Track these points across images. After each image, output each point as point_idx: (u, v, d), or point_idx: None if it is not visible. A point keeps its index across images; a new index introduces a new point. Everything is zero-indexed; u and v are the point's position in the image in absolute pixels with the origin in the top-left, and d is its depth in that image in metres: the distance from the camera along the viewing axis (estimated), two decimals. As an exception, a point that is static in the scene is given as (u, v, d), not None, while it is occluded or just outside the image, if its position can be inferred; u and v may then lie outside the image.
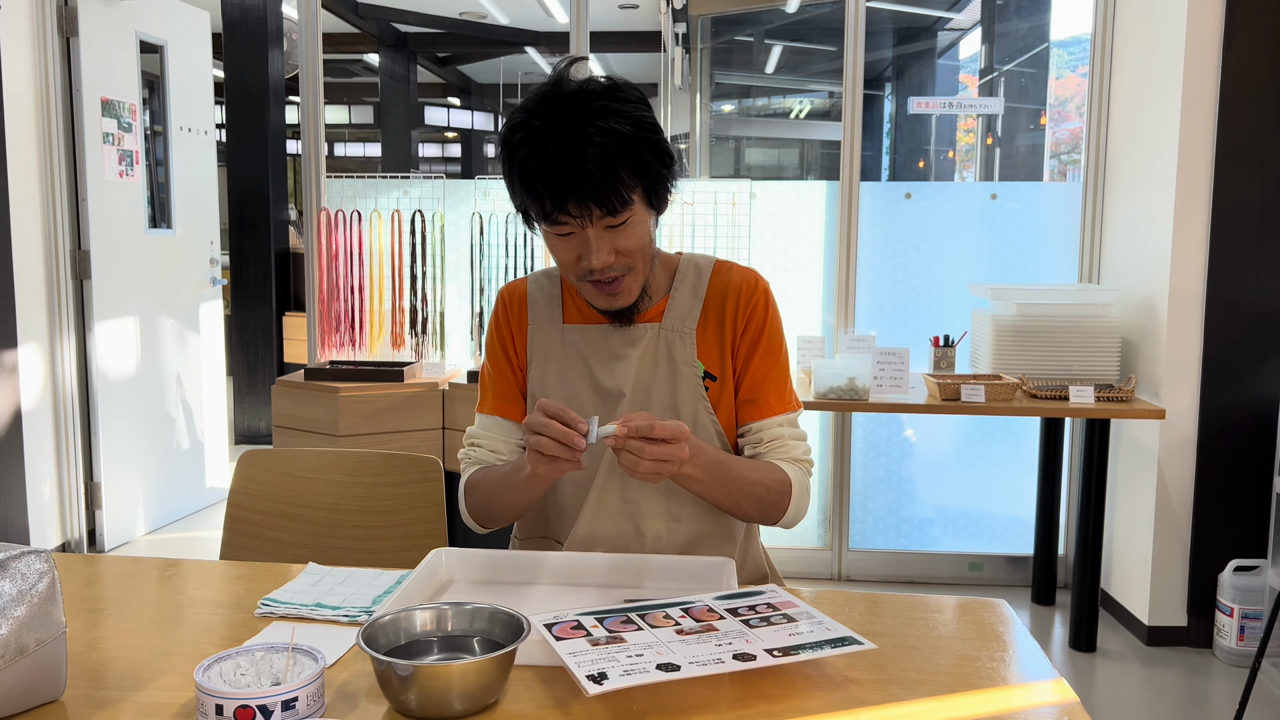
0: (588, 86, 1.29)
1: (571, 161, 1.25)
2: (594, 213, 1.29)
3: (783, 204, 3.57)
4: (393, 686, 0.98)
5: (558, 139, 1.26)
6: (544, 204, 1.29)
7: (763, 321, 1.46)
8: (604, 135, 1.26)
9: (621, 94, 1.30)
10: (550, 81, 1.31)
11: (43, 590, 0.99)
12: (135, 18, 3.90)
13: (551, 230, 1.33)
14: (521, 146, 1.28)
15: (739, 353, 1.46)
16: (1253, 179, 2.92)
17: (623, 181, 1.28)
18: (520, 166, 1.29)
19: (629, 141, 1.27)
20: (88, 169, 3.63)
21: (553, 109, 1.28)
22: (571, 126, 1.26)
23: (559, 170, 1.25)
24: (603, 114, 1.27)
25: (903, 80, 7.51)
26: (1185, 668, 2.96)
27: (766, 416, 1.45)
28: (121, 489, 3.88)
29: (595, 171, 1.25)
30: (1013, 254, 3.53)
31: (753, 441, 1.46)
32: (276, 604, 1.26)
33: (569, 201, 1.27)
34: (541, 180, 1.27)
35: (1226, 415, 2.98)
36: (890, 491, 3.69)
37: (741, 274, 1.48)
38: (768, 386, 1.46)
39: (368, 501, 1.73)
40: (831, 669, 1.10)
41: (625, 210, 1.30)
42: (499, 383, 1.51)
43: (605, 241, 1.32)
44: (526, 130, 1.28)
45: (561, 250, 1.35)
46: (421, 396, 3.27)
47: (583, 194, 1.27)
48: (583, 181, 1.26)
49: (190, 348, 4.29)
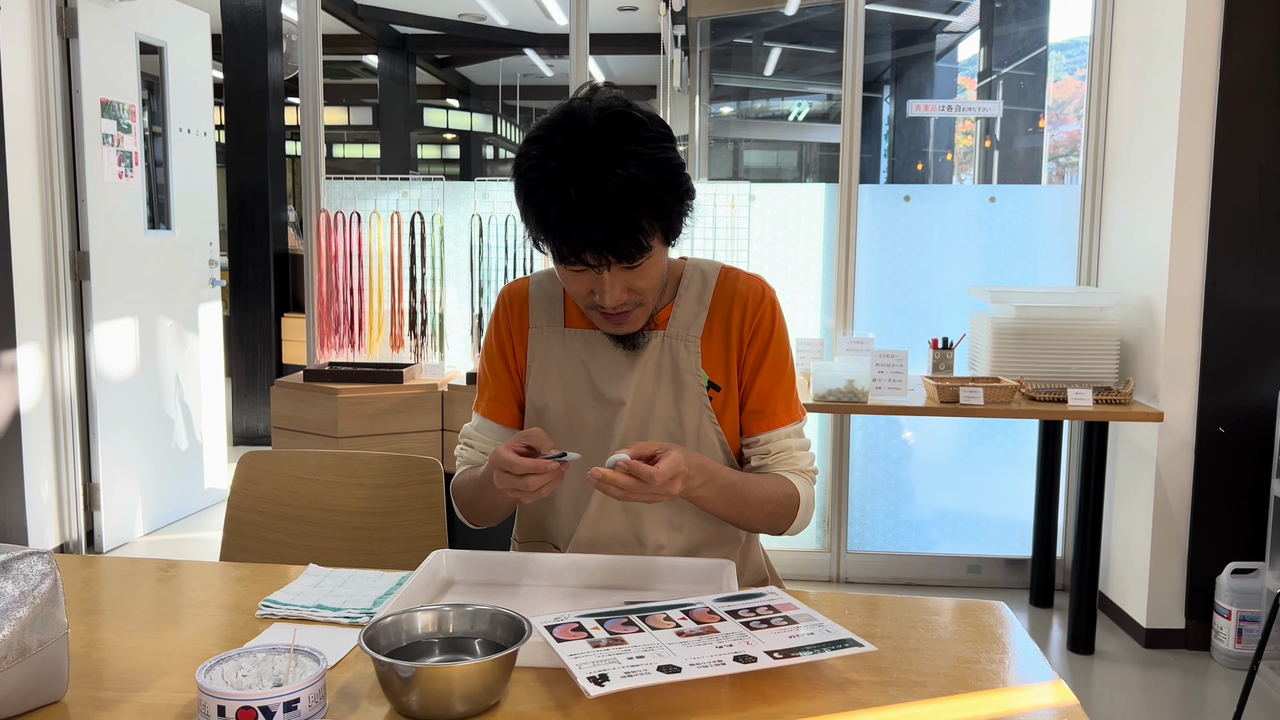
0: (610, 125, 1.23)
1: (592, 216, 1.21)
2: (611, 262, 1.27)
3: (782, 206, 3.58)
4: (394, 688, 0.98)
5: (579, 186, 1.21)
6: (561, 249, 1.26)
7: (770, 331, 1.44)
8: (625, 186, 1.21)
9: (645, 132, 1.25)
10: (568, 112, 1.26)
11: (45, 591, 0.99)
12: (135, 19, 3.90)
13: (565, 268, 1.31)
14: (540, 187, 1.24)
15: (745, 363, 1.44)
16: (1251, 182, 2.93)
17: (643, 231, 1.25)
18: (539, 209, 1.25)
19: (651, 189, 1.23)
20: (87, 170, 3.63)
21: (572, 146, 1.23)
22: (592, 174, 1.21)
23: (577, 222, 1.22)
24: (624, 160, 1.22)
25: (901, 83, 7.52)
26: (1183, 670, 2.96)
27: (775, 428, 1.45)
28: (120, 490, 3.88)
29: (615, 225, 1.22)
30: (1011, 256, 3.54)
31: (760, 453, 1.45)
32: (277, 605, 1.26)
33: (587, 252, 1.25)
34: (560, 229, 1.24)
35: (1225, 418, 2.99)
36: (889, 494, 3.70)
37: (748, 282, 1.46)
38: (775, 397, 1.45)
39: (368, 503, 1.73)
40: (832, 671, 1.10)
41: (643, 256, 1.28)
42: (494, 385, 1.51)
43: (620, 281, 1.30)
44: (545, 171, 1.23)
45: (574, 284, 1.33)
46: (421, 398, 3.27)
47: (601, 247, 1.24)
48: (602, 236, 1.23)
49: (189, 349, 4.29)
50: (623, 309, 1.34)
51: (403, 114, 9.28)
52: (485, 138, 12.47)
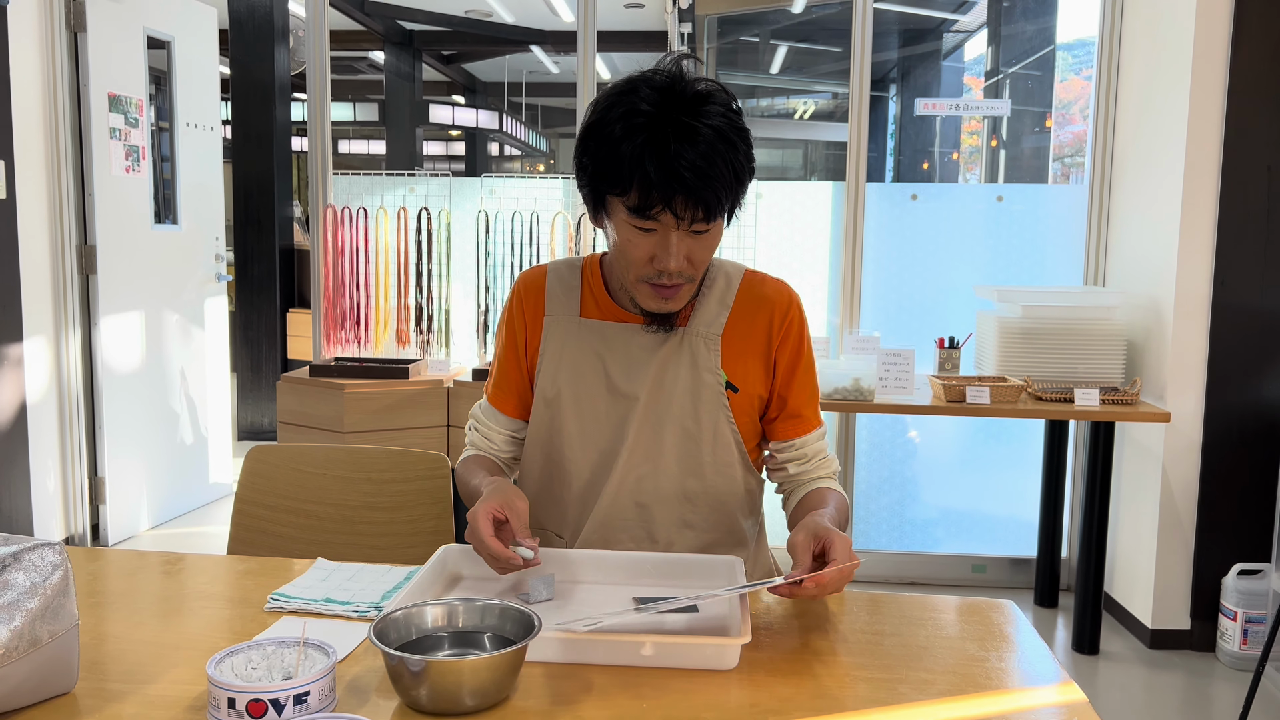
0: (694, 83, 1.26)
1: (691, 161, 1.20)
2: (695, 214, 1.25)
3: (789, 204, 3.57)
4: (404, 681, 0.98)
5: (676, 132, 1.21)
6: (649, 195, 1.23)
7: (799, 337, 1.45)
8: (716, 135, 1.22)
9: (724, 95, 1.27)
10: (646, 74, 1.27)
11: (56, 582, 0.99)
12: (143, 13, 3.90)
13: (635, 223, 1.27)
14: (633, 134, 1.22)
15: (777, 368, 1.44)
16: (1260, 182, 2.92)
17: (727, 185, 1.24)
18: (633, 154, 1.22)
19: (734, 146, 1.24)
20: (94, 164, 3.64)
21: (662, 97, 1.23)
22: (685, 122, 1.22)
23: (675, 165, 1.20)
24: (711, 114, 1.23)
25: (907, 81, 7.51)
26: (1188, 671, 2.95)
27: (808, 432, 1.46)
28: (125, 484, 3.88)
29: (707, 171, 1.21)
30: (1018, 256, 3.53)
31: (797, 457, 1.46)
32: (286, 599, 1.26)
33: (677, 198, 1.23)
34: (657, 171, 1.21)
35: (1231, 419, 2.98)
36: (894, 493, 3.69)
37: (776, 287, 1.46)
38: (804, 401, 1.46)
39: (375, 498, 1.73)
40: (841, 669, 1.10)
41: (720, 214, 1.28)
42: (502, 373, 1.51)
43: (684, 246, 1.28)
44: (637, 117, 1.22)
45: (636, 247, 1.30)
46: (426, 393, 3.27)
47: (692, 193, 1.22)
48: (699, 183, 1.21)
49: (195, 343, 4.30)
50: (677, 280, 1.32)
51: (408, 110, 9.28)
52: (490, 134, 12.46)
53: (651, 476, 1.42)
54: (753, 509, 1.51)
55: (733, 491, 1.45)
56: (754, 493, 1.50)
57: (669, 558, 1.36)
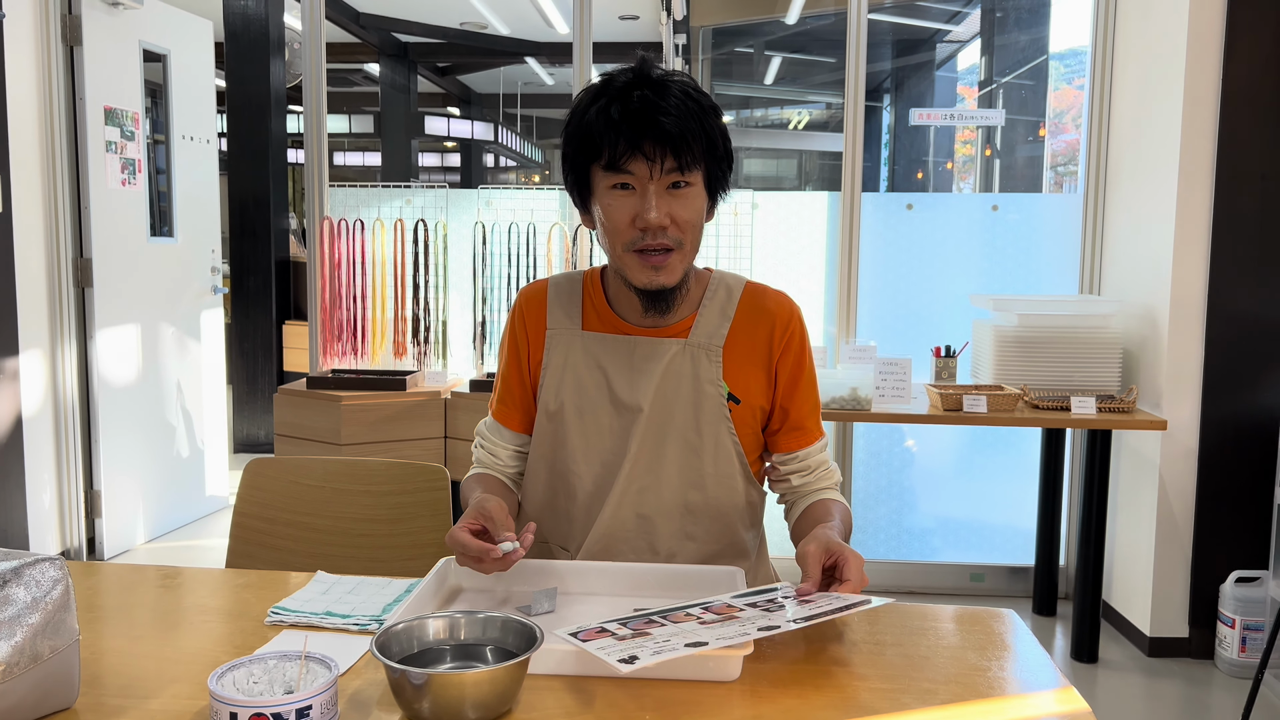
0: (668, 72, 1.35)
1: (656, 104, 1.28)
2: (666, 161, 1.29)
3: (784, 214, 3.58)
4: (406, 695, 0.98)
5: (643, 90, 1.30)
6: (618, 145, 1.29)
7: (801, 349, 1.46)
8: (686, 98, 1.31)
9: (697, 84, 1.37)
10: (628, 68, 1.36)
11: (57, 598, 0.99)
12: (139, 27, 3.91)
13: (612, 180, 1.32)
14: (602, 97, 1.32)
15: (779, 380, 1.45)
16: (1254, 190, 2.94)
17: (697, 139, 1.30)
18: (600, 111, 1.30)
19: (704, 112, 1.32)
20: (90, 177, 3.64)
21: (637, 75, 1.33)
22: (657, 85, 1.31)
23: (642, 110, 1.28)
24: (685, 86, 1.33)
25: (901, 92, 7.54)
26: (1187, 679, 2.95)
27: (811, 443, 1.48)
28: (121, 497, 3.87)
29: (677, 117, 1.28)
30: (1014, 265, 3.54)
31: (800, 469, 1.47)
32: (286, 612, 1.25)
33: (645, 141, 1.28)
34: (625, 119, 1.28)
35: (1227, 426, 2.99)
36: (891, 502, 3.70)
37: (777, 299, 1.47)
38: (807, 412, 1.47)
39: (374, 510, 1.73)
40: (843, 678, 1.10)
41: (693, 170, 1.32)
42: (505, 387, 1.51)
43: (664, 203, 1.31)
44: (609, 85, 1.33)
45: (617, 210, 1.32)
46: (424, 405, 3.27)
47: (661, 136, 1.28)
48: (664, 122, 1.27)
49: (191, 356, 4.29)
50: (664, 242, 1.32)
51: (403, 122, 9.29)
52: (486, 146, 12.48)
53: (653, 488, 1.42)
54: (754, 521, 1.51)
55: (734, 503, 1.45)
56: (755, 505, 1.50)
57: (670, 569, 1.35)
